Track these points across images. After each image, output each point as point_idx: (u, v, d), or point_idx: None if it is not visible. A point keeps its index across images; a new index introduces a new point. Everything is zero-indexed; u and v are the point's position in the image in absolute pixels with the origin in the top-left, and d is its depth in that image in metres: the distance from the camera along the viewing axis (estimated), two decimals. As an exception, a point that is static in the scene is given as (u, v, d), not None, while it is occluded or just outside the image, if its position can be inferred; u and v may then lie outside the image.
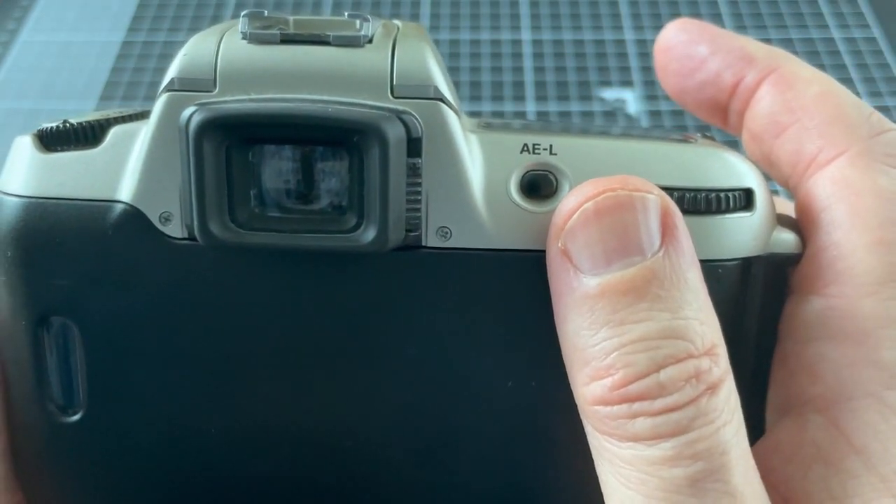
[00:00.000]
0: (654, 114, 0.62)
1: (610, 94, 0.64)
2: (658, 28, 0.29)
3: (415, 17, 0.71)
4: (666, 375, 0.21)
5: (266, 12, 0.23)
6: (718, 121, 0.28)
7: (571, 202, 0.22)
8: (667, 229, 0.22)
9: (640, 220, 0.22)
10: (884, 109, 0.60)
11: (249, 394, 0.25)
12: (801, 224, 0.26)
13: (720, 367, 0.22)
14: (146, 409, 0.25)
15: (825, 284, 0.24)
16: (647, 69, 0.66)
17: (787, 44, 0.67)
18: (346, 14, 0.23)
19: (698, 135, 0.25)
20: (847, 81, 0.63)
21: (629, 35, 0.69)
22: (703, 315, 0.22)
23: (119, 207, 0.23)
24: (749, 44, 0.27)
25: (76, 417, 0.25)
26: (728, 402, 0.22)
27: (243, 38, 0.22)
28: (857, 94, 0.51)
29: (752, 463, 0.22)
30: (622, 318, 0.22)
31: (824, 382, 0.24)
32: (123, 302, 0.24)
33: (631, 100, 0.63)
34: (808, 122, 0.26)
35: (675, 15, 0.71)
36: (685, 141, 0.24)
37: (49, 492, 0.26)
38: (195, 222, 0.22)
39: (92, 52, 0.68)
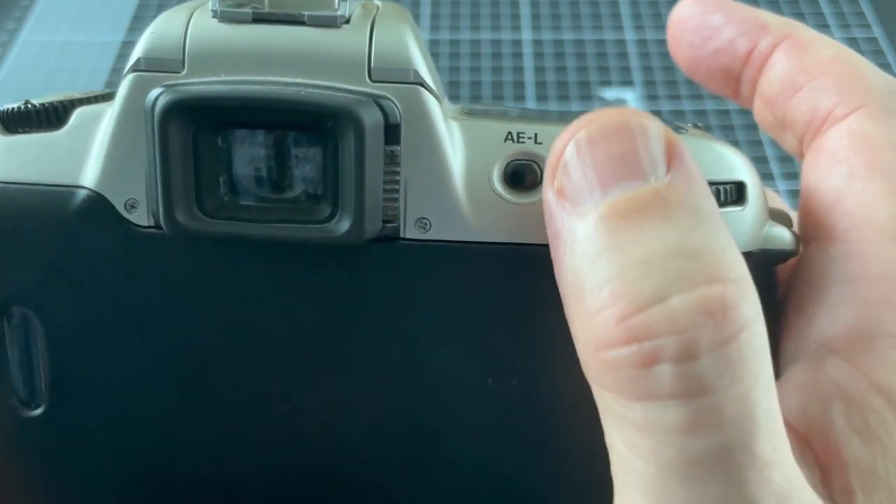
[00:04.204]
0: (655, 114, 0.62)
1: (610, 93, 0.64)
2: (659, 28, 0.29)
3: (415, 17, 0.71)
4: (680, 303, 0.18)
5: None
6: (730, 91, 0.28)
7: (563, 138, 0.21)
8: (673, 157, 0.20)
9: (639, 146, 0.20)
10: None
11: (218, 390, 0.24)
12: (813, 178, 0.25)
13: (751, 305, 0.19)
14: (110, 404, 0.24)
15: (845, 230, 0.24)
16: (648, 69, 0.66)
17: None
18: None
19: (690, 125, 0.25)
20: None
21: (629, 35, 0.69)
22: (726, 244, 0.19)
23: (82, 193, 0.22)
24: (763, 13, 0.27)
25: (38, 412, 0.24)
26: (761, 354, 0.19)
27: (214, 16, 0.22)
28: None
29: (780, 424, 0.19)
30: (621, 241, 0.19)
31: (844, 323, 0.23)
32: (86, 292, 0.23)
33: (631, 100, 0.63)
34: (824, 81, 0.25)
35: (676, 15, 0.70)
36: (675, 131, 0.23)
37: (10, 485, 0.25)
38: (160, 210, 0.21)
39: (92, 52, 0.68)
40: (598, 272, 0.19)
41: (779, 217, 0.25)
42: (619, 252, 0.19)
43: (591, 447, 0.23)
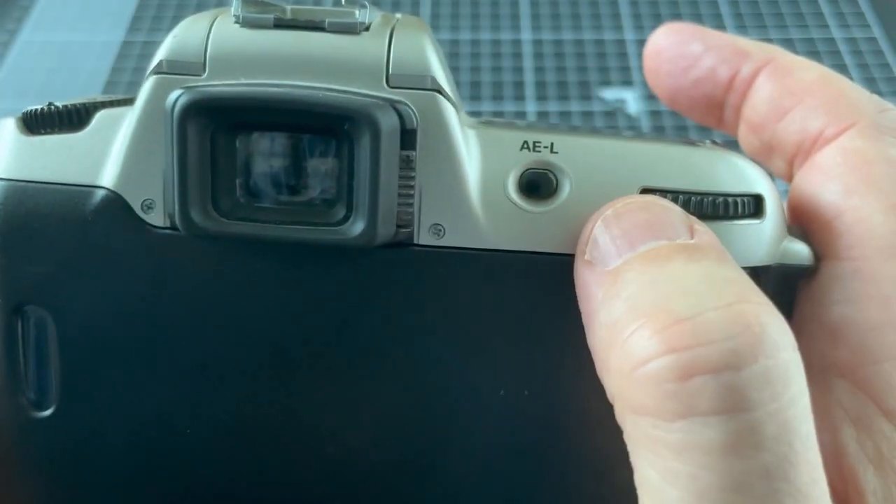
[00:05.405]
0: (655, 114, 0.62)
1: (610, 93, 0.64)
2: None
3: (415, 16, 0.71)
4: (716, 315, 0.18)
5: None
6: (713, 120, 0.28)
7: (590, 221, 0.22)
8: (694, 228, 0.21)
9: (663, 216, 0.21)
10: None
11: (228, 393, 0.24)
12: (805, 194, 0.25)
13: (787, 330, 0.19)
14: (121, 406, 0.24)
15: (847, 248, 0.23)
16: (648, 69, 0.66)
17: (787, 44, 0.67)
18: (342, 1, 0.22)
19: (707, 141, 0.25)
20: (847, 81, 0.62)
21: (629, 35, 0.69)
22: (753, 284, 0.20)
23: (100, 193, 0.23)
24: (741, 40, 0.27)
25: (48, 413, 0.24)
26: (798, 376, 0.19)
27: (236, 21, 0.22)
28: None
29: (818, 456, 0.19)
30: (652, 278, 0.19)
31: (848, 346, 0.23)
32: (100, 292, 0.23)
33: (631, 99, 0.63)
34: (811, 102, 0.25)
35: (676, 14, 0.71)
36: (693, 144, 0.24)
37: (18, 486, 0.25)
38: (176, 209, 0.22)
39: (92, 51, 0.68)
40: (630, 307, 0.19)
41: (796, 232, 0.24)
42: (649, 287, 0.19)
43: (602, 460, 0.23)
